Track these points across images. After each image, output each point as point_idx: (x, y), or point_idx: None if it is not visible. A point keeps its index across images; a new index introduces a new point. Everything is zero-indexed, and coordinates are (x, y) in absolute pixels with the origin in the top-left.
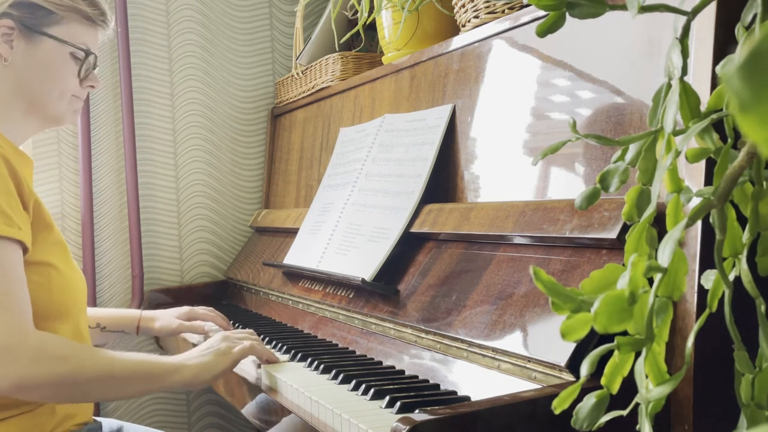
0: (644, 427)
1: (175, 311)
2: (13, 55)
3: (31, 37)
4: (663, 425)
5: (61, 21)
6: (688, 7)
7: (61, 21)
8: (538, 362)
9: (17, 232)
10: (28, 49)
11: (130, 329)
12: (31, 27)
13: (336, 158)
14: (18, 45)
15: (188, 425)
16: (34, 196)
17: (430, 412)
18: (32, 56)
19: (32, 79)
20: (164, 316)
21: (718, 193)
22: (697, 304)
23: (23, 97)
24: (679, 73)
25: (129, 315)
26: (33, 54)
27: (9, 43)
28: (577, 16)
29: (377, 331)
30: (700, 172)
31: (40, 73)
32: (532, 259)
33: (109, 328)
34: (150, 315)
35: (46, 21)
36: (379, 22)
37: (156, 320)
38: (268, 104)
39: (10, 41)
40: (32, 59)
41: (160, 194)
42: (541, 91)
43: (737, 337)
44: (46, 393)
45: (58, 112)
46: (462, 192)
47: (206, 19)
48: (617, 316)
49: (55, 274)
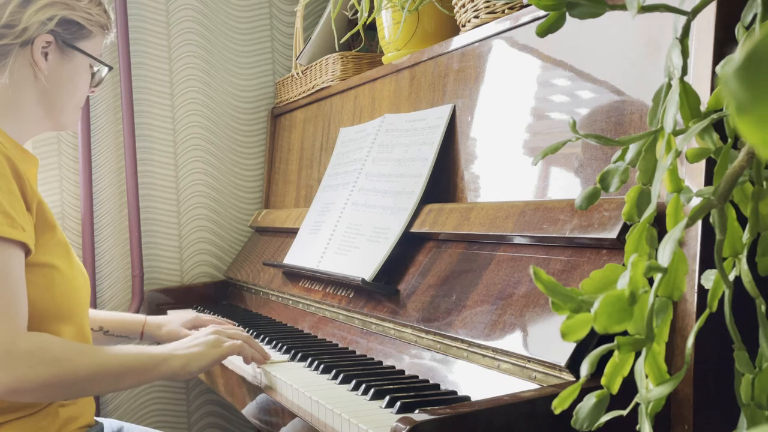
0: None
1: (181, 318)
2: (46, 66)
3: (65, 51)
4: (663, 425)
5: (90, 35)
6: (688, 7)
7: (90, 35)
8: (538, 362)
9: (20, 234)
10: (61, 63)
11: (134, 334)
12: (67, 42)
13: (336, 158)
14: (53, 58)
15: (188, 425)
16: (38, 197)
17: (430, 412)
18: (63, 69)
19: (58, 90)
20: (170, 323)
21: (718, 193)
22: (697, 304)
23: (44, 105)
24: (679, 73)
25: (133, 320)
26: (64, 67)
27: (45, 56)
28: (577, 16)
29: (377, 331)
30: (700, 172)
31: (65, 84)
32: (532, 259)
33: (112, 332)
34: (156, 321)
35: (78, 36)
36: (379, 22)
37: (162, 327)
38: (268, 104)
39: (46, 54)
40: (62, 72)
41: (160, 194)
42: (541, 91)
43: (737, 337)
44: (40, 394)
45: (69, 120)
46: (462, 192)
47: (206, 19)
48: (617, 316)
49: (58, 276)
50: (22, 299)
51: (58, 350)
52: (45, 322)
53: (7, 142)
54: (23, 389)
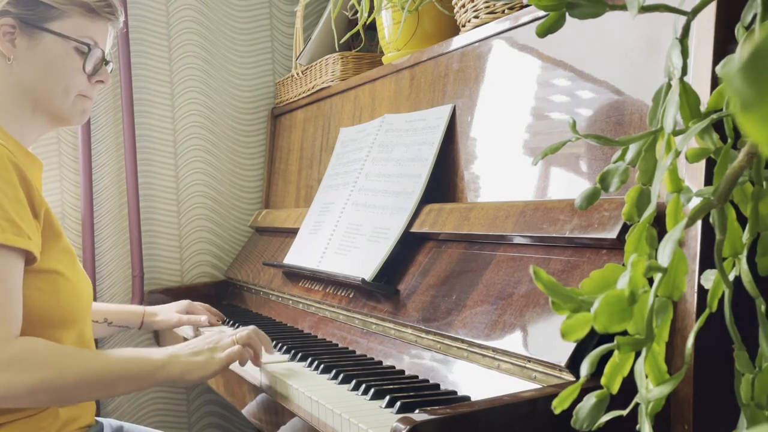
0: (644, 427)
1: (175, 305)
2: (15, 53)
3: (32, 33)
4: (663, 425)
5: (62, 15)
6: (688, 7)
7: (63, 15)
8: (538, 362)
9: (25, 242)
10: (30, 47)
11: (134, 324)
12: (32, 23)
13: (336, 158)
14: (20, 43)
15: (188, 425)
16: (45, 204)
17: (430, 412)
18: (34, 53)
19: (35, 77)
20: (165, 310)
21: (718, 193)
22: (697, 304)
23: (28, 95)
24: (679, 73)
25: (134, 311)
26: (35, 51)
27: (12, 41)
28: (577, 16)
29: (377, 331)
30: (700, 172)
31: (42, 69)
32: (532, 259)
33: (115, 323)
34: (152, 310)
35: (46, 16)
36: (379, 22)
37: (157, 315)
38: (268, 104)
39: (13, 39)
40: (34, 56)
41: (160, 194)
42: (541, 91)
43: (737, 337)
44: (29, 400)
45: (64, 111)
46: (462, 192)
47: (206, 19)
48: (617, 316)
49: (62, 282)
50: (17, 306)
51: (47, 355)
52: (47, 327)
53: (13, 146)
54: (11, 396)
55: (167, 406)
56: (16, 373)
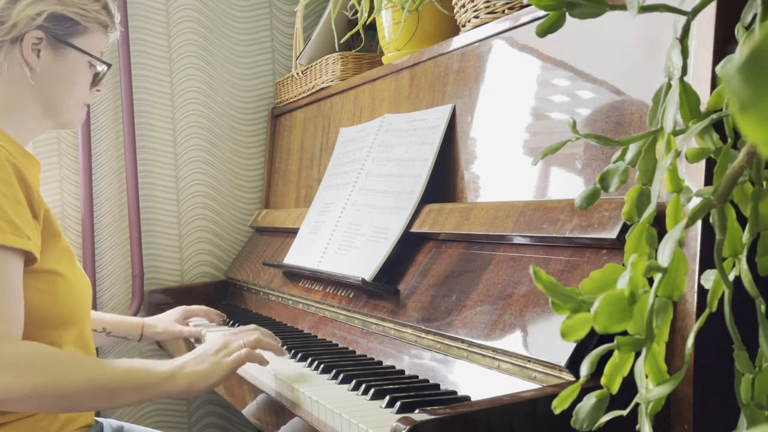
0: (644, 427)
1: (173, 314)
2: (39, 64)
3: (58, 47)
4: (663, 425)
5: (85, 32)
6: (688, 7)
7: (86, 32)
8: (538, 362)
9: (25, 243)
10: (54, 60)
11: (133, 336)
12: (59, 38)
13: (336, 158)
14: (45, 54)
15: (188, 425)
16: (44, 205)
17: (430, 412)
18: (57, 66)
19: (53, 87)
20: (163, 321)
21: (718, 193)
22: (697, 304)
23: (41, 103)
24: (679, 73)
25: (133, 322)
26: (58, 64)
27: (36, 53)
28: (577, 16)
29: (377, 331)
30: (700, 172)
31: (61, 81)
32: (532, 259)
33: (114, 333)
34: (152, 322)
35: (72, 32)
36: (379, 22)
37: (157, 326)
38: (268, 104)
39: (38, 51)
40: (56, 69)
41: (160, 194)
42: (541, 91)
43: (737, 337)
44: (26, 405)
45: (70, 119)
46: (462, 192)
47: (206, 19)
48: (617, 316)
49: (61, 282)
50: (17, 307)
51: (46, 360)
52: (47, 328)
53: (11, 146)
54: (8, 399)
55: (167, 406)
56: (16, 376)
